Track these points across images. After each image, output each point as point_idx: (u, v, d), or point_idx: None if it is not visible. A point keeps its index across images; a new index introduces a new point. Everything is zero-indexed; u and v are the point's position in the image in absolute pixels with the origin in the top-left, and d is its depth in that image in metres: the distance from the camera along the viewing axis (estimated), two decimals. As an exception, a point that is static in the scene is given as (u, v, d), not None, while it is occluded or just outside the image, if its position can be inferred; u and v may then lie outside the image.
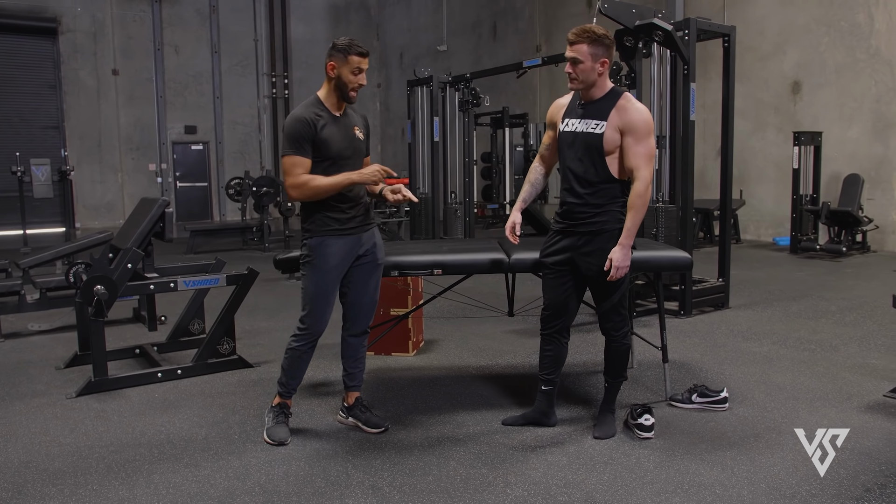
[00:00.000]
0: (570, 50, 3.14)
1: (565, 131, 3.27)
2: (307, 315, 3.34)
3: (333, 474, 2.99)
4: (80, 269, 5.21)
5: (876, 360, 4.54)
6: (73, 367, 4.65)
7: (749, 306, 6.27)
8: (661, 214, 5.98)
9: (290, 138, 3.20)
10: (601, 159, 3.16)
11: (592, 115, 3.18)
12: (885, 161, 9.71)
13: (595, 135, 3.15)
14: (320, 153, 3.22)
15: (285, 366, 3.42)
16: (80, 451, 3.28)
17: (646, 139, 3.13)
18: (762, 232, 11.37)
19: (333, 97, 3.29)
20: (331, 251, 3.27)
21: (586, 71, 3.13)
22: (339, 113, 3.31)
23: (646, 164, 3.12)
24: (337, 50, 3.22)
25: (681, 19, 6.09)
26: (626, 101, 3.17)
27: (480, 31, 16.65)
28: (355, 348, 3.52)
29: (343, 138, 3.29)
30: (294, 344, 3.38)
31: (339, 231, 3.28)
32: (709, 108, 10.38)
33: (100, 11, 16.18)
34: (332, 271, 3.30)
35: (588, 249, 3.21)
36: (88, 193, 16.10)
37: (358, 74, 3.24)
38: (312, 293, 3.32)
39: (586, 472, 2.96)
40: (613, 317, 3.33)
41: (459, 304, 5.53)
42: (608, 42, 3.14)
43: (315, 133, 3.19)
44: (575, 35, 3.14)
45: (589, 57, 3.11)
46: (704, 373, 4.31)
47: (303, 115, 3.20)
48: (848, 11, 9.98)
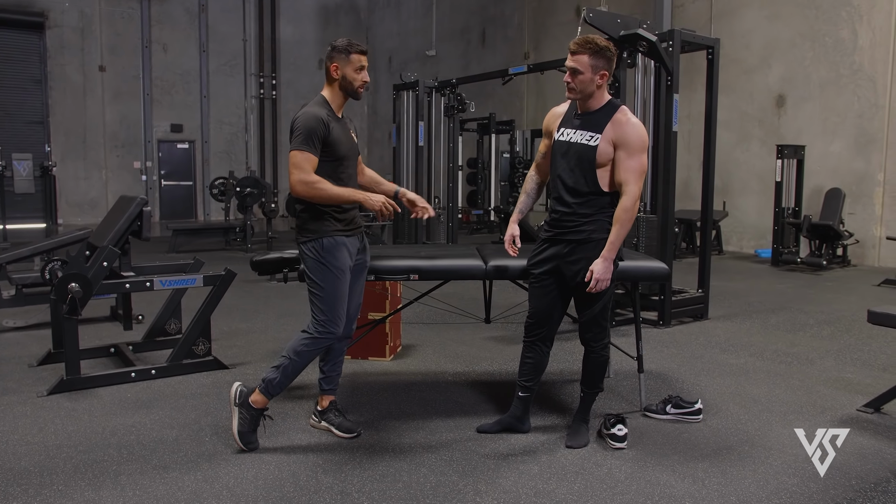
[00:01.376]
0: (570, 59, 3.12)
1: (560, 140, 3.26)
2: (327, 320, 3.23)
3: (303, 479, 2.96)
4: (56, 266, 5.16)
5: (851, 374, 4.57)
6: (46, 365, 4.60)
7: (728, 317, 6.30)
8: (642, 224, 6.01)
9: (304, 134, 3.15)
10: (592, 171, 3.16)
11: (588, 126, 3.18)
12: (866, 176, 9.81)
13: (589, 147, 3.15)
14: (330, 153, 3.23)
15: (289, 371, 3.27)
16: (47, 451, 3.24)
17: (638, 154, 3.12)
18: (744, 244, 11.44)
19: (339, 98, 3.32)
20: (342, 251, 3.26)
21: (585, 82, 3.12)
22: (340, 114, 3.36)
23: (635, 180, 3.12)
24: (338, 51, 3.25)
25: (666, 31, 6.13)
26: (622, 114, 3.17)
27: (469, 37, 16.69)
28: (338, 352, 3.48)
29: (346, 139, 3.33)
30: (310, 347, 3.25)
31: (345, 231, 3.28)
32: (694, 118, 10.45)
33: (88, 7, 16.09)
34: (346, 270, 3.27)
35: (574, 258, 3.21)
36: (72, 190, 15.99)
37: (361, 72, 3.28)
38: (331, 295, 3.23)
39: (557, 482, 2.95)
40: (594, 327, 3.33)
41: (438, 310, 5.52)
42: (610, 55, 3.13)
43: (328, 133, 3.19)
44: (577, 45, 3.12)
45: (589, 68, 3.10)
46: (680, 384, 4.32)
47: (319, 114, 3.19)
48: (832, 27, 10.09)
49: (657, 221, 5.98)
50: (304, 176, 3.15)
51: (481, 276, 3.65)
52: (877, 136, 9.68)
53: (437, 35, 17.48)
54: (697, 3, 11.79)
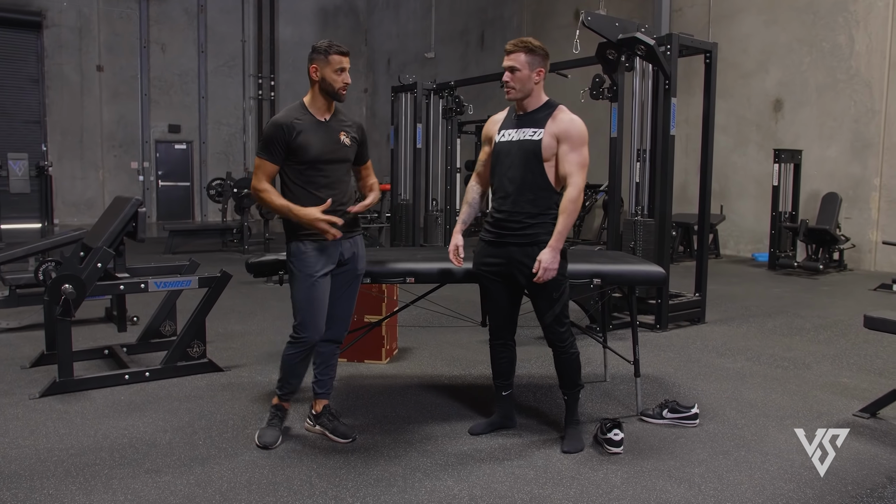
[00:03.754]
0: (507, 59, 3.21)
1: (501, 142, 3.30)
2: (300, 324, 3.28)
3: (297, 483, 2.94)
4: (50, 266, 5.13)
5: (847, 378, 4.56)
6: (39, 367, 4.57)
7: (725, 321, 6.29)
8: (639, 228, 5.99)
9: (263, 141, 3.23)
10: (539, 165, 3.19)
11: (529, 124, 3.24)
12: (862, 181, 9.81)
13: (533, 141, 3.19)
14: (297, 157, 3.21)
15: (282, 370, 3.39)
16: (38, 454, 3.21)
17: (580, 148, 3.18)
18: (741, 247, 11.44)
19: (320, 101, 3.27)
20: (312, 256, 3.23)
21: (523, 79, 3.19)
22: (325, 118, 3.28)
23: (579, 171, 3.17)
24: (317, 52, 3.21)
25: (664, 34, 6.12)
26: (560, 111, 3.24)
27: (468, 39, 16.68)
28: (328, 356, 3.47)
29: (324, 144, 3.25)
30: (289, 351, 3.34)
31: (314, 236, 3.24)
32: (692, 122, 10.44)
33: (86, 7, 16.06)
34: (317, 276, 3.24)
35: (525, 260, 3.21)
36: (68, 190, 15.94)
37: (341, 73, 3.23)
38: (301, 300, 3.26)
39: (553, 487, 2.94)
40: (557, 328, 3.30)
41: (434, 313, 5.49)
42: (543, 53, 3.22)
43: (290, 139, 3.17)
44: (512, 45, 3.22)
45: (526, 65, 3.18)
46: (677, 388, 4.31)
47: (281, 120, 3.20)
48: (829, 33, 10.10)
49: (654, 225, 5.96)
50: (255, 182, 3.25)
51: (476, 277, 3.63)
52: (873, 141, 9.68)
53: (435, 37, 17.47)
54: (696, 8, 11.80)
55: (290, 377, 3.40)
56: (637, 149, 6.23)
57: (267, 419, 3.44)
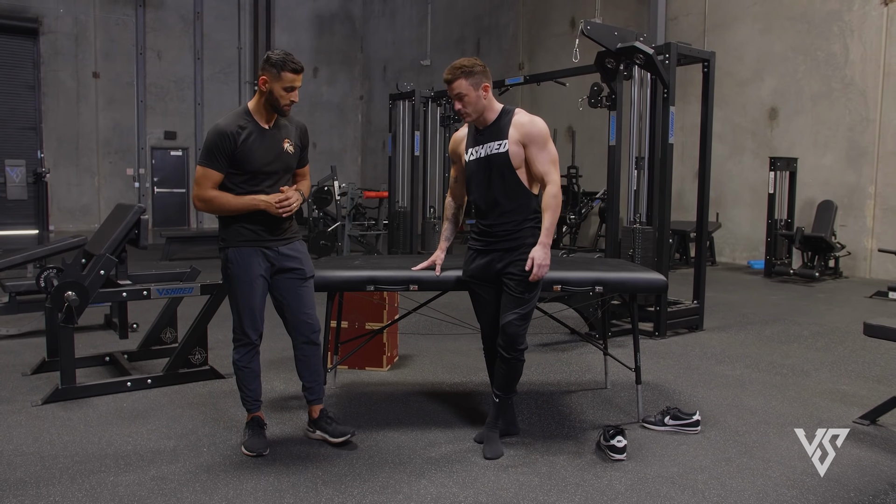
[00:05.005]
0: (450, 88, 3.26)
1: (470, 161, 3.36)
2: (236, 327, 3.34)
3: (303, 490, 2.95)
4: (52, 273, 5.12)
5: (846, 385, 4.59)
6: (40, 374, 4.56)
7: (723, 329, 6.32)
8: (637, 235, 6.02)
9: (206, 149, 3.15)
10: (513, 174, 3.25)
11: (492, 137, 3.28)
12: (857, 189, 9.88)
13: (500, 154, 3.24)
14: (240, 167, 3.16)
15: (237, 381, 3.42)
16: (43, 461, 3.21)
17: (547, 145, 3.26)
18: (737, 255, 11.50)
19: (263, 111, 3.21)
20: (247, 263, 3.23)
21: (473, 101, 3.25)
22: (268, 125, 3.23)
23: (553, 168, 3.25)
24: (271, 64, 3.12)
25: (662, 43, 6.17)
26: (519, 115, 3.29)
27: (464, 47, 16.74)
28: (307, 361, 3.45)
29: (267, 152, 3.20)
30: (234, 356, 3.39)
31: (254, 243, 3.24)
32: (687, 130, 10.51)
33: (82, 13, 16.07)
34: (251, 282, 3.25)
35: (505, 263, 3.27)
36: (64, 196, 15.91)
37: (290, 92, 3.15)
38: (236, 305, 3.31)
39: (557, 494, 2.95)
40: (517, 328, 3.24)
41: (434, 320, 5.51)
42: (479, 69, 3.27)
43: (234, 147, 3.12)
44: (449, 73, 3.27)
45: (470, 88, 3.23)
46: (677, 395, 4.33)
47: (224, 128, 3.13)
48: (824, 41, 10.18)
49: (652, 233, 6.00)
50: (200, 192, 3.16)
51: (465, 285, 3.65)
52: (868, 150, 9.76)
53: (431, 45, 17.54)
54: (691, 17, 11.88)
55: (248, 382, 3.39)
56: (635, 157, 6.27)
57: (248, 434, 3.39)
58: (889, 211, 9.53)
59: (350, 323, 4.76)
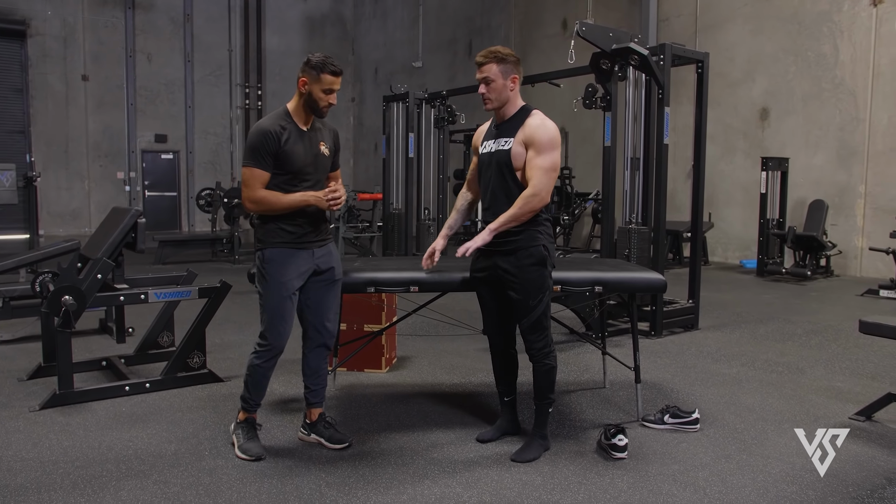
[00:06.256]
0: (480, 72, 3.24)
1: (483, 154, 3.36)
2: (266, 331, 3.29)
3: (307, 492, 2.95)
4: (47, 278, 5.09)
5: (841, 382, 4.63)
6: (36, 379, 4.54)
7: (718, 328, 6.35)
8: (633, 235, 6.05)
9: (252, 150, 3.15)
10: (512, 174, 3.22)
11: (504, 133, 3.27)
12: (848, 188, 9.96)
13: (503, 151, 3.23)
14: (282, 167, 3.18)
15: (248, 382, 3.37)
16: (43, 467, 3.20)
17: (547, 152, 3.17)
18: (730, 254, 11.56)
19: (302, 112, 3.24)
20: (285, 264, 3.22)
21: (498, 89, 3.22)
22: (306, 127, 3.26)
23: (542, 174, 3.14)
24: (311, 66, 3.16)
25: (654, 44, 6.20)
26: (532, 117, 3.25)
27: (456, 48, 16.76)
28: (316, 365, 3.46)
29: (307, 153, 3.24)
30: (255, 361, 3.33)
31: (293, 244, 3.24)
32: (679, 131, 10.55)
33: (71, 16, 15.97)
34: (288, 284, 3.24)
35: (506, 266, 3.25)
36: (54, 200, 15.81)
37: (329, 94, 3.19)
38: (270, 308, 3.26)
39: (561, 493, 2.96)
40: (532, 337, 3.28)
41: (432, 322, 5.52)
42: (514, 59, 3.25)
43: (279, 146, 3.14)
44: (482, 57, 3.24)
45: (499, 74, 3.21)
46: (675, 393, 4.36)
47: (268, 128, 3.15)
48: (814, 42, 10.26)
49: (648, 233, 6.02)
50: (251, 193, 3.17)
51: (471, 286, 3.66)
52: (858, 149, 9.83)
53: (423, 46, 17.54)
54: (682, 18, 11.94)
55: (257, 387, 3.37)
56: (630, 157, 6.30)
57: (244, 437, 3.35)
58: (879, 210, 9.61)
59: (349, 325, 4.76)
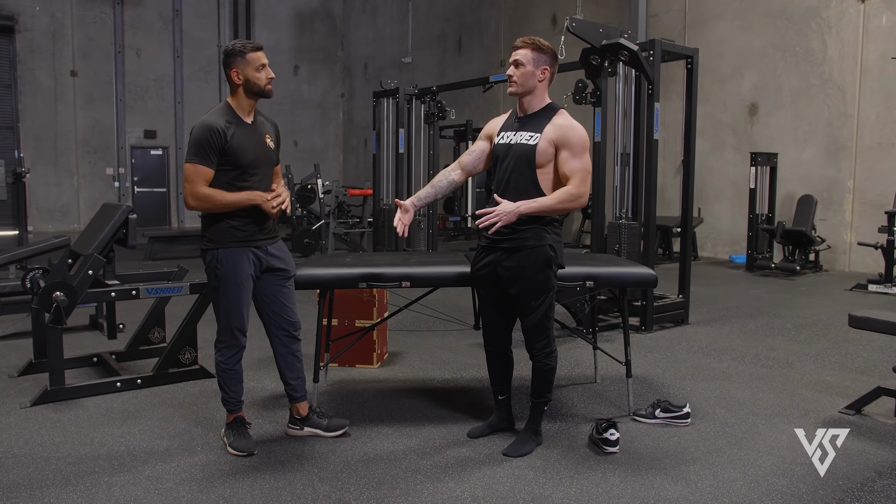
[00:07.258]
0: (513, 54, 3.21)
1: (500, 143, 3.28)
2: (223, 329, 3.28)
3: (300, 487, 2.95)
4: (38, 274, 5.06)
5: (830, 377, 4.67)
6: (27, 376, 4.51)
7: (708, 322, 6.39)
8: (623, 231, 6.07)
9: (197, 145, 3.09)
10: (531, 171, 3.15)
11: (528, 127, 3.21)
12: (836, 183, 10.03)
13: (528, 146, 3.16)
14: (230, 162, 3.14)
15: (220, 383, 3.36)
16: (35, 463, 3.19)
17: (582, 155, 3.14)
18: (719, 249, 11.62)
19: (245, 103, 3.21)
20: (239, 263, 3.20)
21: (526, 75, 3.18)
22: (249, 120, 3.24)
23: (585, 177, 3.12)
24: (234, 55, 3.14)
25: (643, 40, 6.21)
26: (561, 117, 3.20)
27: (445, 44, 16.75)
28: (291, 358, 3.45)
29: (254, 147, 3.22)
30: (219, 359, 3.32)
31: (245, 242, 3.22)
32: (668, 126, 10.58)
33: (59, 11, 15.86)
34: (245, 284, 3.23)
35: (508, 265, 3.21)
36: (42, 196, 15.71)
37: (263, 69, 3.17)
38: (226, 307, 3.25)
39: (553, 487, 2.98)
40: (534, 336, 3.28)
41: (423, 317, 5.52)
42: (551, 53, 3.21)
43: (225, 142, 3.10)
44: (521, 41, 3.22)
45: (531, 61, 3.17)
46: (666, 388, 4.38)
47: (213, 123, 3.10)
48: (803, 38, 10.31)
49: (638, 228, 6.05)
50: (194, 189, 3.10)
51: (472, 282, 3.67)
52: (846, 145, 9.90)
53: (413, 42, 17.52)
54: (671, 14, 11.98)
55: (232, 384, 3.35)
56: (620, 153, 6.32)
57: (234, 436, 3.35)
58: (867, 205, 9.68)
59: (340, 320, 4.76)
